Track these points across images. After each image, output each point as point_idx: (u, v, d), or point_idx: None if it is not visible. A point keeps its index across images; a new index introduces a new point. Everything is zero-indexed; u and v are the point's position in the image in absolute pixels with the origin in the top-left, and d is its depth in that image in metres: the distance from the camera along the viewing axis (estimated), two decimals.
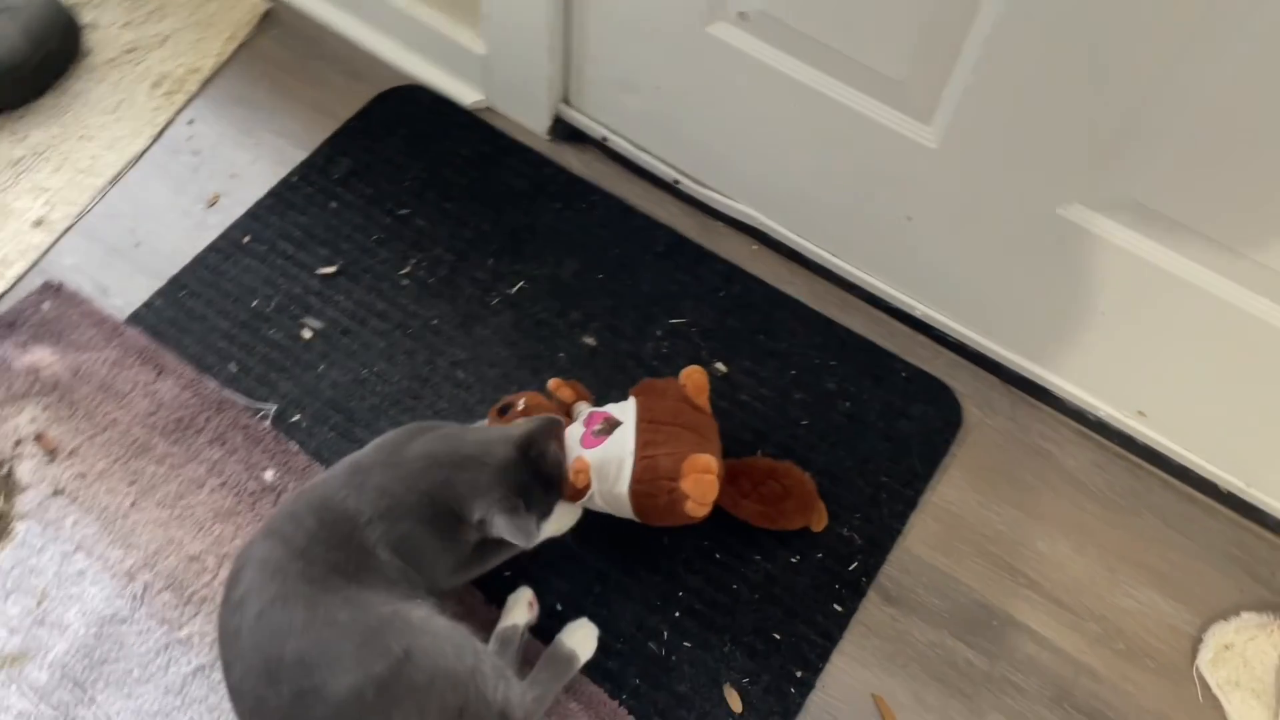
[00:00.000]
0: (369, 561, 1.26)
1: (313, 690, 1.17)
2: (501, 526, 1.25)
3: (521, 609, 1.41)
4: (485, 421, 1.50)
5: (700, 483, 1.34)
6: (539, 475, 1.31)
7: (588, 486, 1.38)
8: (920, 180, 1.50)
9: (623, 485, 1.37)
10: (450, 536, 1.29)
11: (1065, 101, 1.28)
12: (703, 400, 1.47)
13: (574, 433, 1.44)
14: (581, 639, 1.39)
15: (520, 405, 1.45)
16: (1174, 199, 1.31)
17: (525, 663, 1.37)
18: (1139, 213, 1.34)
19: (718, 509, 1.45)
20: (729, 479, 1.43)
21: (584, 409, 1.50)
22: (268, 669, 1.19)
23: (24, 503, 1.49)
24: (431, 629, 1.22)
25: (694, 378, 1.47)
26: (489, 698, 1.22)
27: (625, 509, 1.40)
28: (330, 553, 1.24)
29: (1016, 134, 1.36)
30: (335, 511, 1.28)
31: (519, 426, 1.33)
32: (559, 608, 1.45)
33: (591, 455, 1.39)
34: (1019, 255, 1.50)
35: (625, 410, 1.44)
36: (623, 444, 1.39)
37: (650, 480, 1.36)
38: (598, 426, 1.42)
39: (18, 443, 1.54)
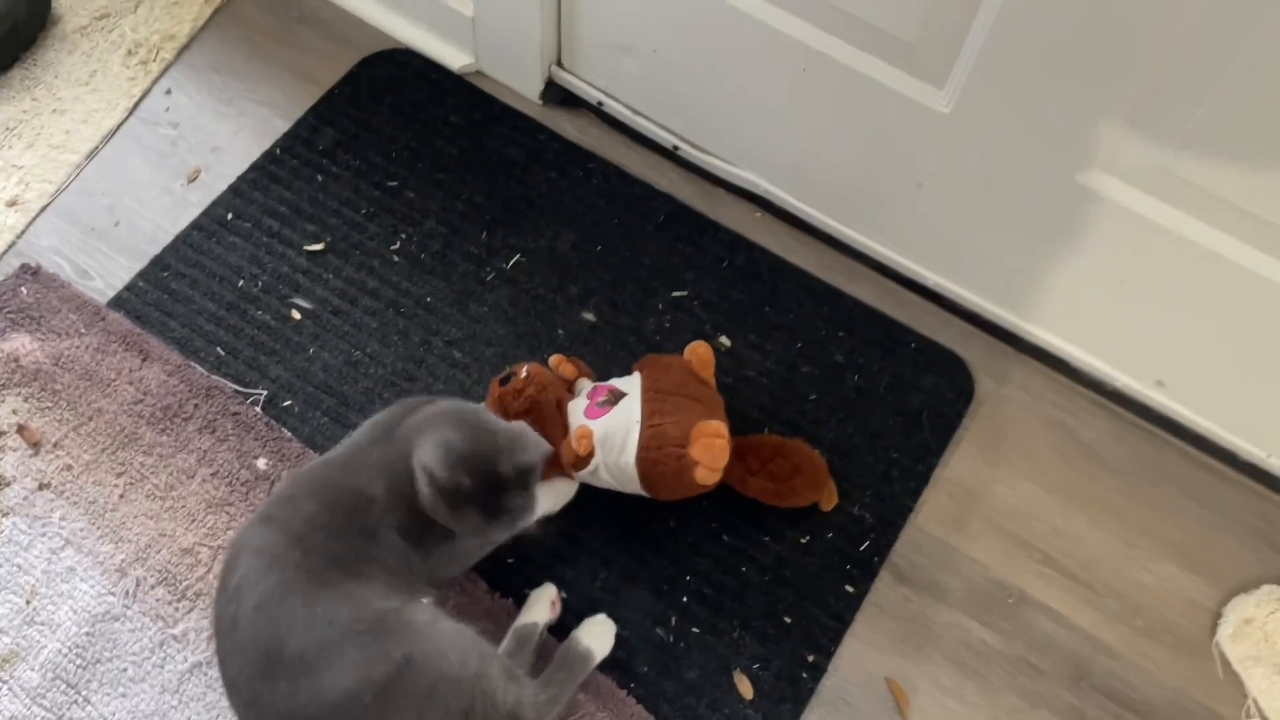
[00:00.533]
0: (370, 550, 1.21)
1: (309, 689, 1.14)
2: (423, 492, 1.18)
3: (543, 607, 1.37)
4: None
5: (711, 447, 1.30)
6: (497, 497, 1.23)
7: (590, 455, 1.33)
8: (932, 146, 1.44)
9: (629, 455, 1.33)
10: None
11: (1088, 63, 1.22)
12: (708, 375, 1.43)
13: (577, 405, 1.39)
14: (598, 636, 1.35)
15: (523, 374, 1.40)
16: (1202, 165, 1.24)
17: (541, 658, 1.34)
18: (1164, 179, 1.28)
19: (725, 487, 1.41)
20: (737, 456, 1.39)
21: (586, 384, 1.45)
22: (265, 664, 1.15)
23: (8, 498, 1.44)
24: (435, 634, 1.19)
25: (699, 352, 1.43)
26: (497, 700, 1.19)
27: (631, 481, 1.36)
28: (330, 541, 1.20)
29: (1034, 98, 1.29)
30: (337, 492, 1.24)
31: (529, 455, 1.22)
32: (564, 595, 1.41)
33: (596, 425, 1.35)
34: (1035, 223, 1.44)
35: (630, 383, 1.40)
36: (628, 413, 1.35)
37: (658, 448, 1.32)
38: (602, 398, 1.38)
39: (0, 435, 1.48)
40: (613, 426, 1.35)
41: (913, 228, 1.60)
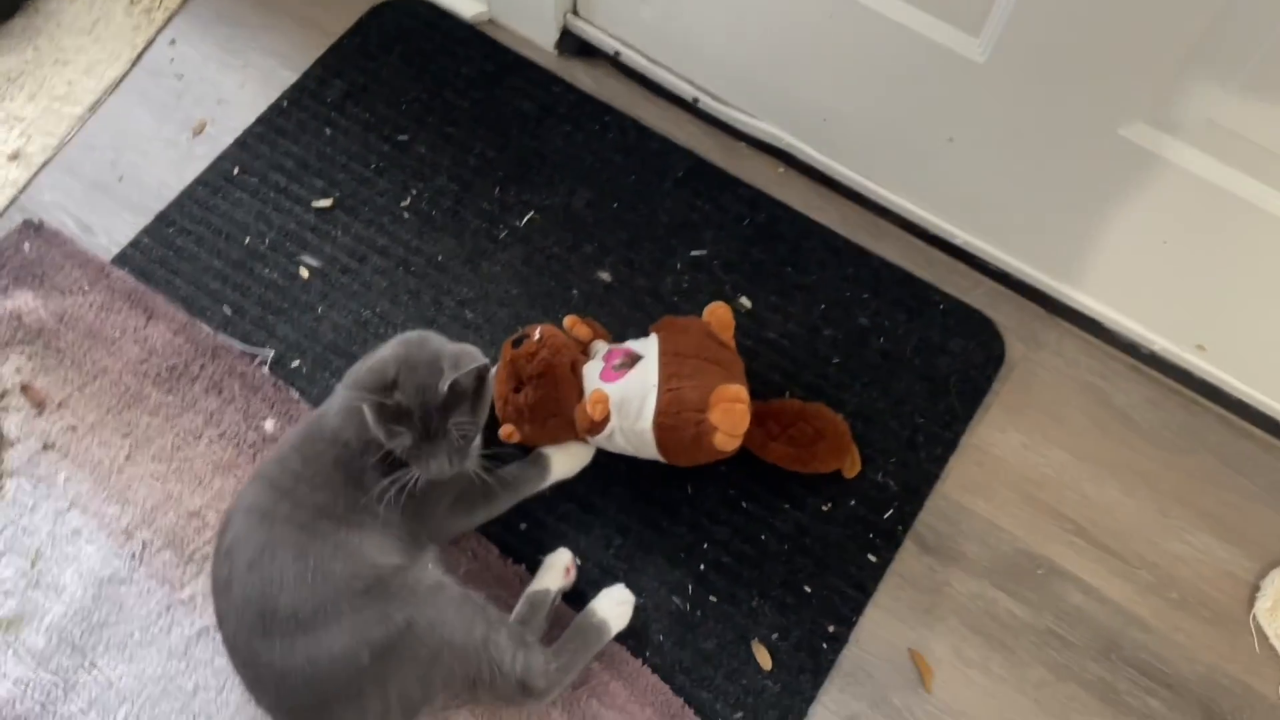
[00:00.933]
0: (358, 499, 1.19)
1: (305, 647, 1.12)
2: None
3: (557, 573, 1.33)
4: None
5: (730, 412, 1.25)
6: (429, 419, 1.16)
7: (606, 420, 1.29)
8: (965, 98, 1.37)
9: (646, 420, 1.29)
10: None
11: (1135, 8, 1.14)
12: (728, 337, 1.38)
13: (593, 368, 1.35)
14: (615, 609, 1.31)
15: (536, 336, 1.35)
16: (1254, 118, 1.17)
17: (556, 624, 1.31)
18: (1212, 133, 1.21)
19: (744, 453, 1.37)
20: (757, 420, 1.34)
21: (602, 347, 1.41)
22: (261, 622, 1.14)
23: (13, 458, 1.42)
24: (439, 600, 1.16)
25: (718, 313, 1.38)
26: (505, 668, 1.16)
27: (649, 446, 1.32)
28: (315, 493, 1.18)
29: (1075, 46, 1.22)
30: (316, 443, 1.21)
31: (465, 359, 1.16)
32: (578, 562, 1.38)
33: (612, 389, 1.30)
34: (1073, 179, 1.37)
35: (647, 345, 1.35)
36: (645, 377, 1.30)
37: (676, 413, 1.28)
38: (618, 361, 1.34)
39: (3, 395, 1.45)
40: (629, 391, 1.30)
41: (942, 183, 1.53)
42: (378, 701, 1.14)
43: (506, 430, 1.36)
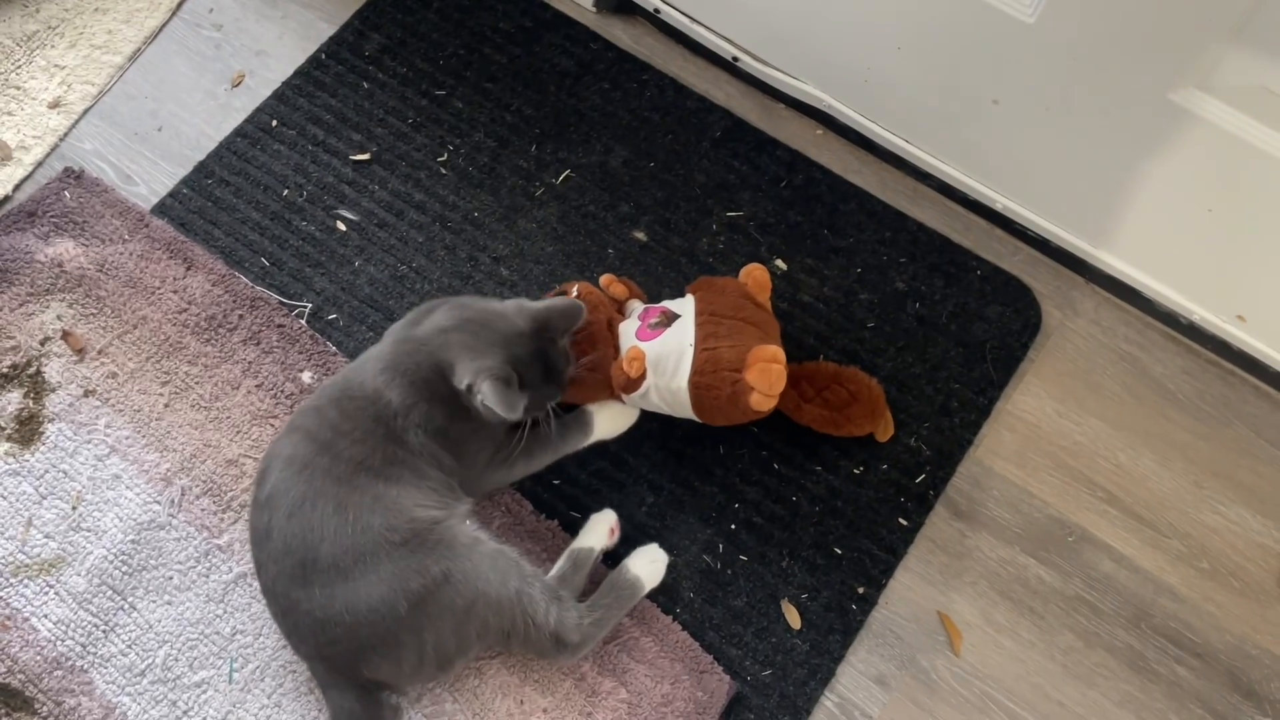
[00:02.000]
0: (396, 453, 1.20)
1: (344, 595, 1.14)
2: (488, 393, 1.17)
3: (601, 533, 1.34)
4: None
5: (767, 373, 1.25)
6: (543, 358, 1.23)
7: (642, 377, 1.29)
8: (1012, 59, 1.35)
9: (681, 379, 1.29)
10: (476, 417, 1.22)
11: None
12: (764, 299, 1.37)
13: (629, 327, 1.35)
14: (649, 567, 1.32)
15: (574, 293, 1.36)
16: None
17: (593, 582, 1.32)
18: (1266, 100, 1.19)
19: (777, 414, 1.37)
20: (791, 382, 1.34)
21: (637, 306, 1.41)
22: (300, 571, 1.16)
23: (54, 403, 1.43)
24: (475, 554, 1.17)
25: (755, 275, 1.38)
26: (539, 620, 1.18)
27: (684, 405, 1.32)
28: (354, 447, 1.19)
29: (1127, 8, 1.20)
30: (356, 400, 1.23)
31: (540, 303, 1.26)
32: (608, 509, 1.38)
33: (648, 347, 1.30)
34: (1119, 144, 1.35)
35: (683, 305, 1.35)
36: (682, 336, 1.30)
37: (712, 372, 1.28)
38: (654, 320, 1.34)
39: (44, 340, 1.47)
40: (666, 349, 1.30)
41: (984, 147, 1.51)
42: (413, 651, 1.16)
43: None
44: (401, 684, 1.23)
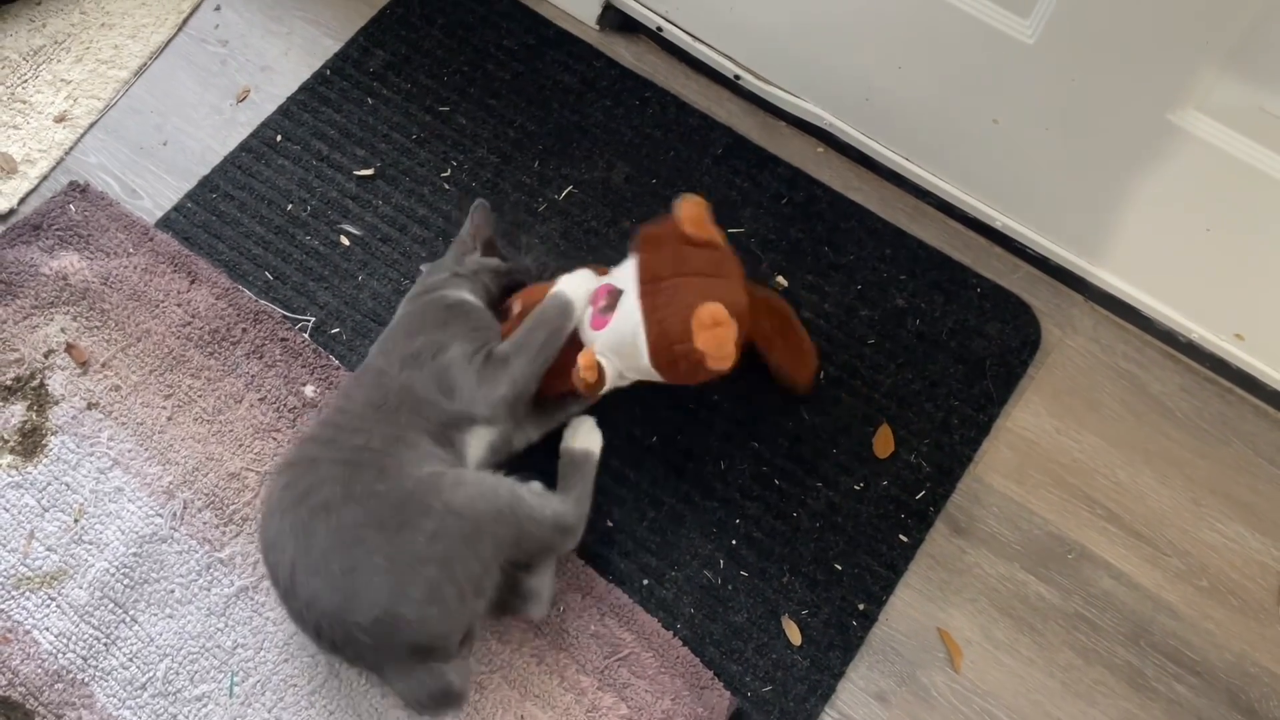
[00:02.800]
0: (391, 433, 1.24)
1: (363, 555, 1.15)
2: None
3: (589, 433, 1.39)
4: None
5: (713, 338, 1.23)
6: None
7: (600, 381, 1.29)
8: (1012, 79, 1.36)
9: (642, 358, 1.28)
10: (461, 329, 1.30)
11: None
12: (704, 231, 1.30)
13: (584, 318, 1.33)
14: (585, 435, 1.38)
15: (517, 308, 1.36)
16: None
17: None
18: (1264, 122, 1.20)
19: (774, 421, 1.38)
20: (755, 316, 1.34)
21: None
22: (319, 560, 1.16)
23: (57, 416, 1.44)
24: (464, 482, 1.21)
25: (688, 209, 1.30)
26: (539, 517, 1.23)
27: (657, 377, 1.31)
28: (354, 436, 1.23)
29: (1127, 30, 1.21)
30: (354, 390, 1.31)
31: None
32: (610, 524, 1.40)
33: (602, 339, 1.30)
34: (1117, 163, 1.37)
35: (626, 275, 1.31)
36: (629, 316, 1.28)
37: (667, 348, 1.26)
38: (602, 304, 1.31)
39: (48, 353, 1.48)
40: (620, 334, 1.29)
41: (984, 165, 1.53)
42: (451, 586, 1.17)
43: None
44: (451, 641, 1.20)
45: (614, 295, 1.31)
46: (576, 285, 1.33)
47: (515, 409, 1.30)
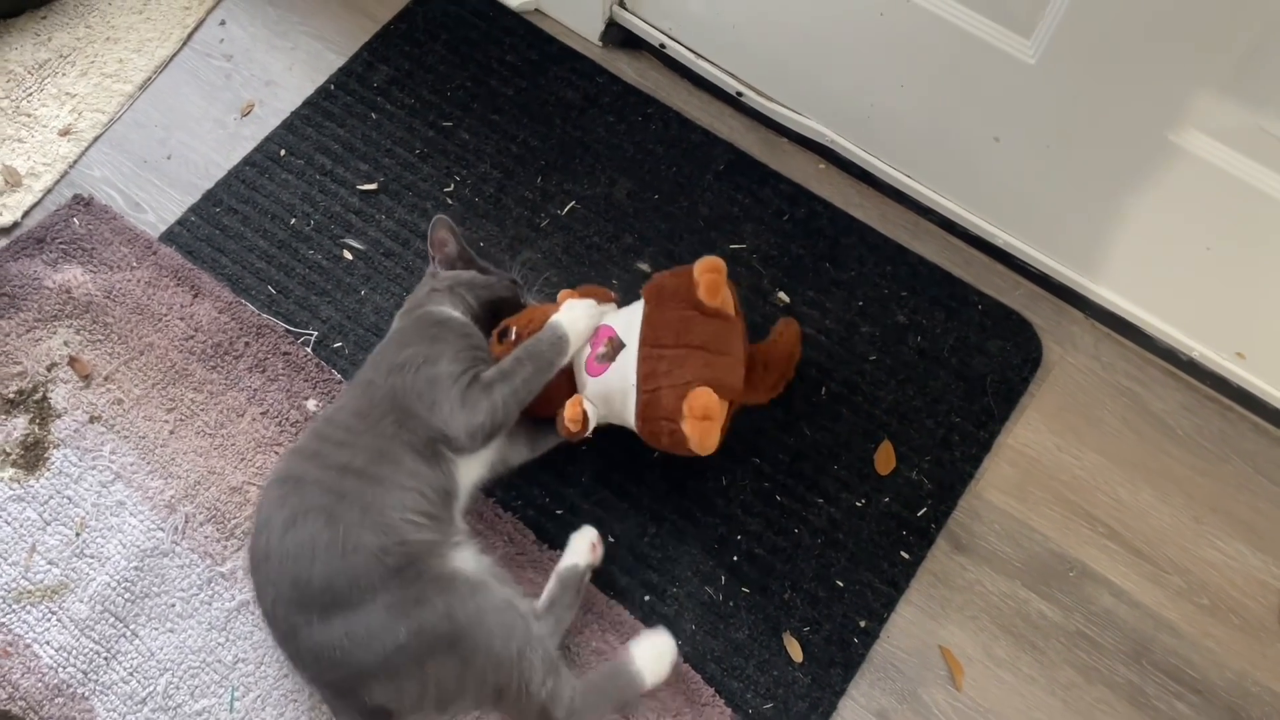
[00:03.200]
0: (381, 447, 1.21)
1: (343, 622, 1.14)
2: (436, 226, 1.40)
3: (584, 550, 1.34)
4: None
5: (700, 429, 1.24)
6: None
7: (583, 426, 1.29)
8: (1013, 98, 1.37)
9: (629, 416, 1.30)
10: (448, 347, 1.28)
11: (1191, 13, 1.14)
12: (716, 300, 1.28)
13: (582, 353, 1.33)
14: (654, 663, 1.26)
15: (513, 336, 1.34)
16: None
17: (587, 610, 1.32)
18: (1265, 141, 1.21)
19: (778, 440, 1.37)
20: (751, 370, 1.35)
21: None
22: (296, 595, 1.16)
23: (59, 429, 1.44)
24: (481, 599, 1.17)
25: (707, 277, 1.28)
26: (532, 689, 1.17)
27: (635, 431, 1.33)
28: (339, 451, 1.21)
29: (1129, 50, 1.22)
30: (343, 400, 1.30)
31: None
32: (611, 539, 1.40)
33: (594, 386, 1.31)
34: (1119, 183, 1.37)
35: (631, 323, 1.30)
36: (625, 374, 1.28)
37: (654, 419, 1.27)
38: (601, 350, 1.30)
39: (51, 366, 1.48)
40: (610, 388, 1.29)
41: (985, 183, 1.53)
42: (415, 683, 1.16)
43: None
44: (404, 715, 1.23)
45: (614, 345, 1.31)
46: (576, 319, 1.30)
47: (491, 438, 1.26)
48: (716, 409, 1.24)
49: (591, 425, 1.31)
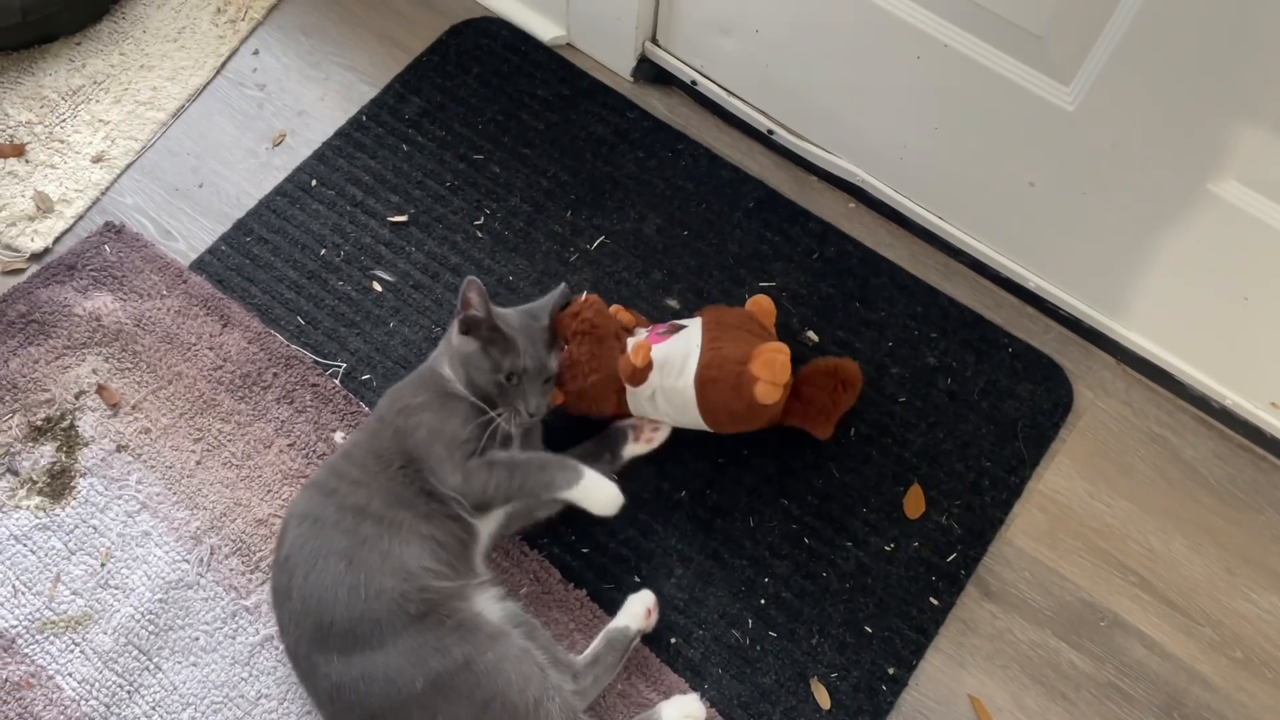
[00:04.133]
0: (395, 491, 1.22)
1: (361, 664, 1.14)
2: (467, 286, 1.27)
3: (638, 613, 1.32)
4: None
5: (772, 362, 1.26)
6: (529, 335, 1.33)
7: (648, 366, 1.31)
8: (1050, 144, 1.37)
9: (688, 376, 1.31)
10: (442, 409, 1.27)
11: (1235, 65, 1.14)
12: (769, 324, 1.42)
13: (637, 337, 1.38)
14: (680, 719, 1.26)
15: (582, 297, 1.39)
16: None
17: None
18: None
19: (802, 471, 1.38)
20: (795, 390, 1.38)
21: (644, 332, 1.43)
22: (318, 635, 1.16)
23: (87, 458, 1.44)
24: (500, 647, 1.16)
25: (761, 303, 1.43)
26: None
27: (689, 404, 1.33)
28: (355, 491, 1.22)
29: (1170, 99, 1.22)
30: (360, 436, 1.30)
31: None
32: (637, 580, 1.39)
33: (656, 349, 1.33)
34: (1155, 230, 1.37)
35: (691, 321, 1.39)
36: (688, 340, 1.33)
37: (717, 365, 1.29)
38: (662, 329, 1.37)
39: (79, 394, 1.48)
40: (672, 350, 1.33)
41: (1018, 226, 1.53)
42: None
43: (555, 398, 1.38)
44: None
45: (675, 326, 1.37)
46: (598, 485, 1.26)
47: (484, 511, 1.27)
48: (787, 350, 1.28)
49: (652, 384, 1.32)
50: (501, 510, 1.32)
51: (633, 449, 1.41)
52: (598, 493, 1.26)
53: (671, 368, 1.32)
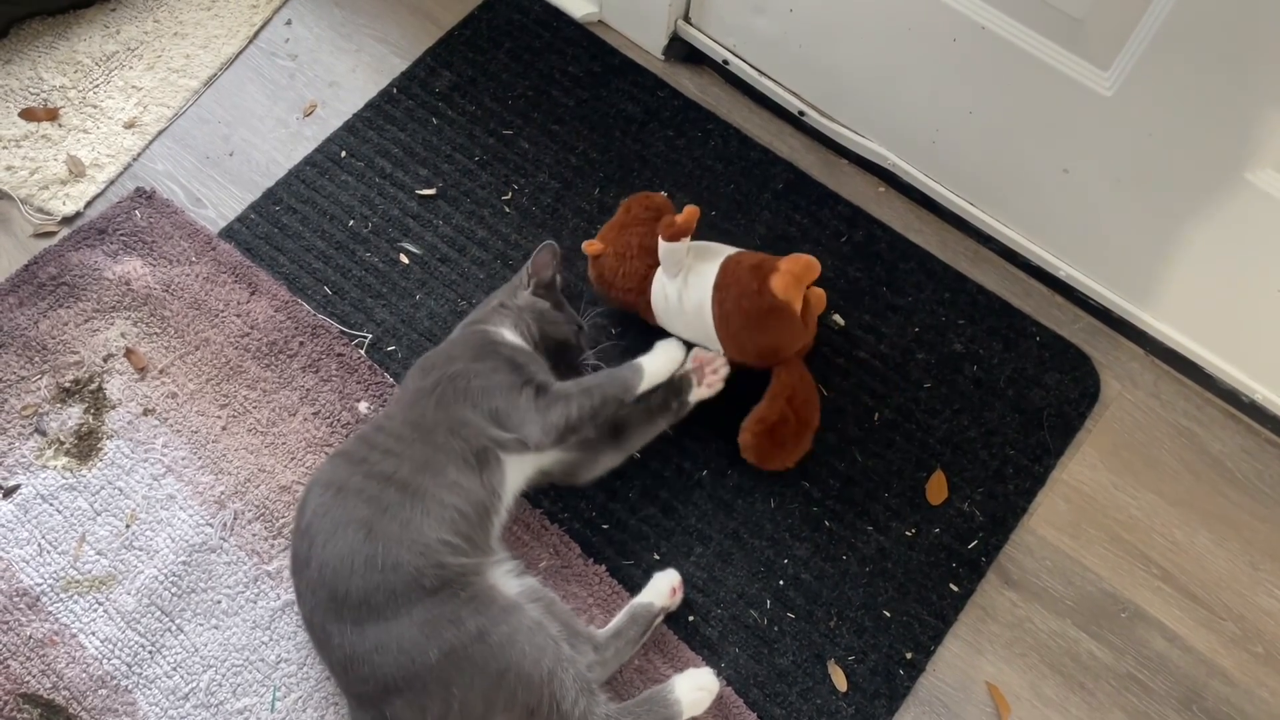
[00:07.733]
0: (428, 451, 1.22)
1: (375, 634, 1.14)
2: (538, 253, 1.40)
3: (663, 591, 1.32)
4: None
5: (795, 259, 1.31)
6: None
7: (693, 220, 1.34)
8: (1086, 130, 1.35)
9: (715, 261, 1.38)
10: (500, 364, 1.29)
11: (1276, 55, 1.12)
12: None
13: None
14: (694, 693, 1.24)
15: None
16: None
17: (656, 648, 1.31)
18: None
19: (828, 462, 1.36)
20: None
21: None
22: (333, 604, 1.17)
23: (113, 420, 1.45)
24: (513, 620, 1.16)
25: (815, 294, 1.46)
26: (564, 709, 1.16)
27: (703, 308, 1.36)
28: (385, 460, 1.21)
29: (1210, 86, 1.20)
30: (394, 406, 1.30)
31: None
32: (656, 557, 1.39)
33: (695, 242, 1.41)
34: (1190, 219, 1.35)
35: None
36: (719, 251, 1.41)
37: (736, 262, 1.35)
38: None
39: (108, 357, 1.49)
40: (708, 246, 1.41)
41: (1050, 213, 1.51)
42: (439, 703, 1.14)
43: (591, 244, 1.46)
44: None
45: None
46: (658, 363, 1.33)
47: (565, 439, 1.27)
48: (811, 260, 1.32)
49: (685, 261, 1.38)
50: (533, 466, 1.33)
51: (697, 393, 1.40)
52: (664, 360, 1.34)
53: (704, 253, 1.38)
